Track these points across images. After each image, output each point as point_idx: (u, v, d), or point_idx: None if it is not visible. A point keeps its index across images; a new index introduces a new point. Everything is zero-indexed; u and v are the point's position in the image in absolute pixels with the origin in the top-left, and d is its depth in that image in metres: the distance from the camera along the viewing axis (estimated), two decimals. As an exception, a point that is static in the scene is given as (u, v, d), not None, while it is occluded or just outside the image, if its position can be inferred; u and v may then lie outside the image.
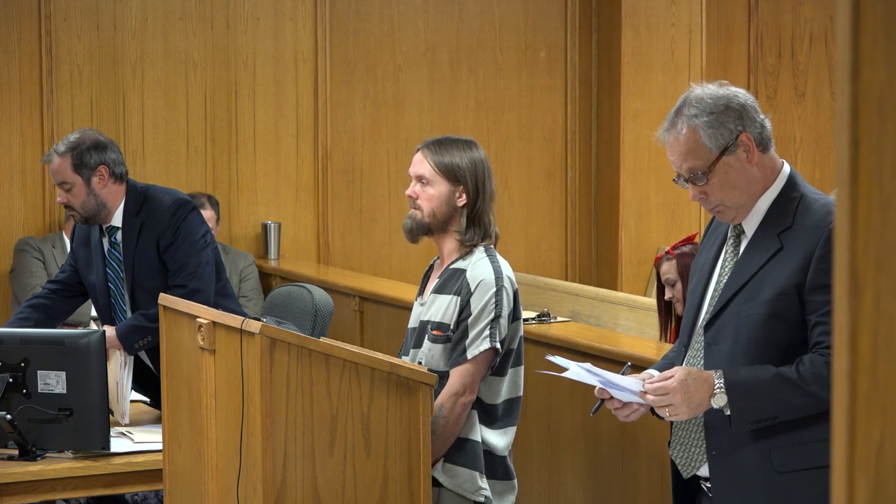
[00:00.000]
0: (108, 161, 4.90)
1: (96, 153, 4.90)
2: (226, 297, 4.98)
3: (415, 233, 4.10)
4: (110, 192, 4.90)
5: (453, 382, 3.89)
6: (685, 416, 3.15)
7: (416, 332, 4.06)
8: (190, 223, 4.87)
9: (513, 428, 4.02)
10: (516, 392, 4.02)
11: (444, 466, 3.91)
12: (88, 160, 4.88)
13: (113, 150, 4.96)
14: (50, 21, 7.22)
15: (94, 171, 4.88)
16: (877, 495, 1.28)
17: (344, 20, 7.82)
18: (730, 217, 3.24)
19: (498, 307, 3.91)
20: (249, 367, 3.57)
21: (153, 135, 7.44)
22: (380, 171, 7.94)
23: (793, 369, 3.08)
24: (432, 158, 4.05)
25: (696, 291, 3.33)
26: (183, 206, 4.89)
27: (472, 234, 4.02)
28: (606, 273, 8.18)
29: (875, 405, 1.29)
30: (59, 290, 5.11)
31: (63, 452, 4.45)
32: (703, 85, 3.25)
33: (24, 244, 7.03)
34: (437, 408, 3.87)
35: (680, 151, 3.19)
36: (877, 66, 1.28)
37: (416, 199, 4.08)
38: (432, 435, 3.85)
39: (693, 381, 3.11)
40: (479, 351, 3.89)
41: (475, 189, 4.03)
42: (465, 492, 3.90)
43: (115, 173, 4.91)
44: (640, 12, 8.02)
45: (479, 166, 4.05)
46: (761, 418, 3.10)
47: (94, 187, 4.88)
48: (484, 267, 3.96)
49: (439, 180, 4.03)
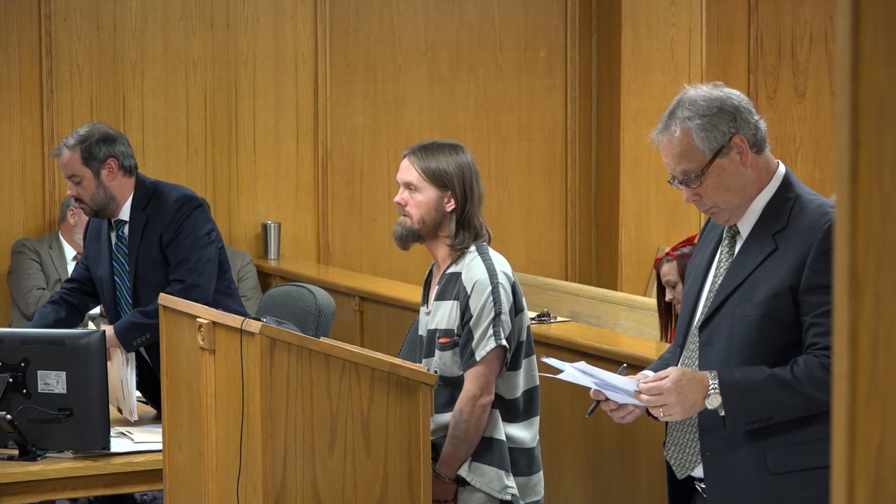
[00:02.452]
0: (117, 154, 4.93)
1: (105, 146, 4.92)
2: (229, 296, 4.98)
3: (405, 240, 4.12)
4: (119, 184, 4.93)
5: (468, 386, 3.90)
6: (679, 417, 3.15)
7: (425, 341, 4.08)
8: (194, 219, 4.89)
9: (536, 418, 4.04)
10: (533, 382, 4.04)
11: (471, 465, 3.93)
12: (97, 153, 4.91)
13: (122, 142, 4.98)
14: (50, 21, 7.22)
15: (104, 163, 4.91)
16: (877, 495, 1.28)
17: (344, 20, 7.82)
18: (724, 218, 3.24)
19: (497, 305, 3.91)
20: (249, 367, 3.57)
21: (153, 135, 7.44)
22: (380, 171, 7.93)
23: (787, 370, 3.08)
24: (419, 165, 4.06)
25: (692, 292, 3.33)
26: (188, 203, 4.90)
27: (462, 238, 4.03)
28: (606, 273, 8.18)
29: (875, 405, 1.29)
30: (75, 287, 5.14)
31: (63, 452, 4.45)
32: (696, 86, 3.25)
33: (20, 246, 6.99)
34: (458, 413, 3.89)
35: (673, 154, 3.19)
36: (877, 66, 1.28)
37: (405, 206, 4.08)
38: (456, 440, 3.88)
39: (687, 381, 3.11)
40: (487, 351, 3.89)
41: (463, 193, 4.04)
42: (492, 490, 3.92)
43: (125, 166, 4.94)
44: (640, 12, 8.02)
45: (467, 170, 4.06)
46: (755, 419, 3.10)
47: (103, 180, 4.91)
48: (477, 267, 3.97)
49: (427, 186, 4.04)
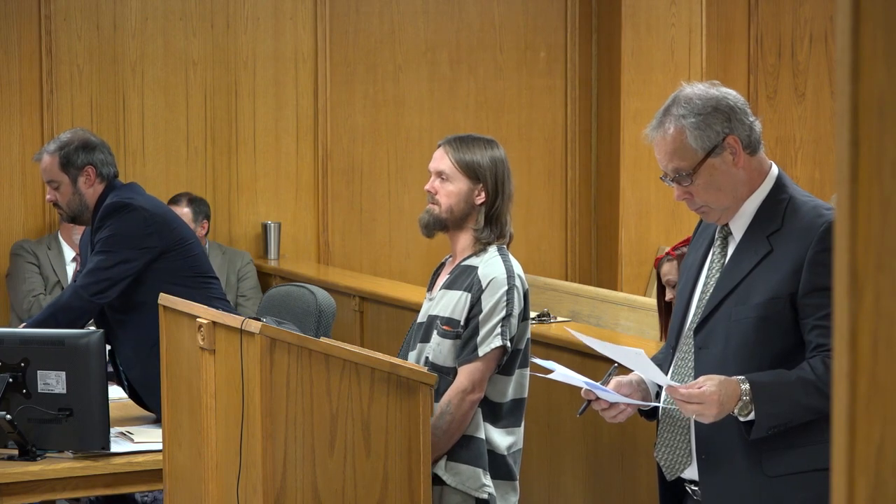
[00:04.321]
0: (95, 162, 4.92)
1: (84, 153, 4.92)
2: (217, 299, 4.94)
3: (431, 227, 4.07)
4: (95, 192, 4.93)
5: (462, 379, 3.89)
6: (711, 420, 3.07)
7: (423, 327, 4.06)
8: (112, 227, 4.85)
9: (517, 429, 4.01)
10: (521, 393, 4.02)
11: (447, 465, 3.91)
12: (76, 160, 4.91)
13: (102, 150, 4.97)
14: (50, 21, 7.22)
15: (81, 170, 4.91)
16: (877, 495, 1.28)
17: (344, 20, 7.82)
18: (714, 218, 3.24)
19: (509, 306, 3.91)
20: (249, 367, 3.57)
21: (153, 135, 7.44)
22: (380, 171, 7.93)
23: (810, 371, 3.04)
24: (454, 155, 4.03)
25: (684, 293, 3.32)
26: (116, 210, 4.85)
27: (488, 233, 4.02)
28: (606, 273, 8.18)
29: (875, 405, 1.29)
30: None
31: (63, 452, 4.46)
32: (693, 84, 3.24)
33: (18, 248, 6.95)
34: (445, 404, 3.88)
35: (666, 151, 3.18)
36: (877, 66, 1.28)
37: (435, 195, 4.05)
38: (438, 430, 3.85)
39: (725, 389, 3.02)
40: (491, 348, 3.89)
41: (495, 188, 4.02)
42: (468, 489, 3.90)
43: (102, 174, 4.93)
44: (640, 12, 8.01)
45: (500, 166, 4.05)
46: (778, 423, 3.06)
47: (79, 187, 4.92)
48: (496, 265, 3.96)
49: (459, 177, 4.02)
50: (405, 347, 4.16)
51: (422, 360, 4.00)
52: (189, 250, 4.94)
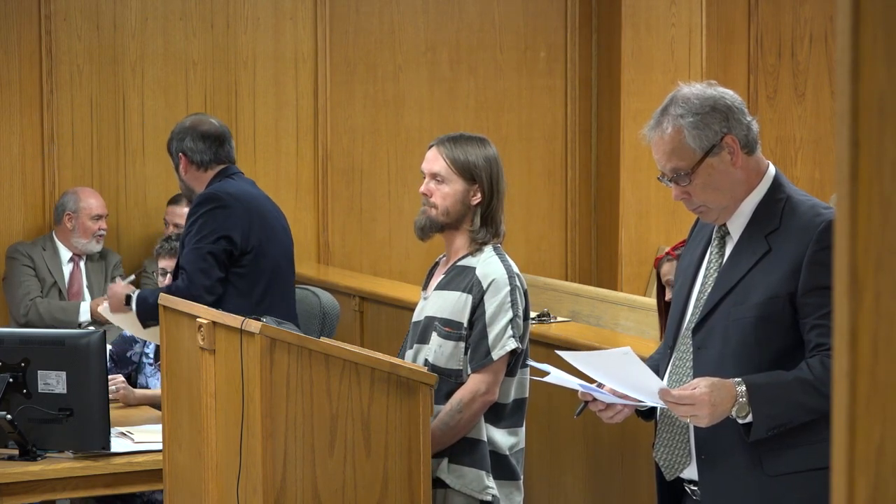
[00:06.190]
0: (185, 149, 5.16)
1: (176, 141, 5.21)
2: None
3: (427, 230, 4.02)
4: (192, 177, 5.19)
5: (478, 383, 3.87)
6: (706, 424, 3.07)
7: (419, 327, 4.04)
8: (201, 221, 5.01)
9: (520, 429, 4.01)
10: (523, 393, 4.01)
11: (449, 467, 3.90)
12: (171, 148, 5.24)
13: (193, 138, 5.16)
14: (50, 21, 7.21)
15: (178, 157, 5.18)
16: (877, 495, 1.28)
17: (344, 20, 7.82)
18: (712, 218, 3.24)
19: (515, 307, 3.89)
20: (249, 367, 3.57)
21: (153, 135, 7.43)
22: (380, 171, 7.93)
23: (808, 372, 3.04)
24: (448, 155, 3.98)
25: (681, 293, 3.31)
26: (203, 202, 5.03)
27: (484, 233, 3.97)
28: (606, 273, 8.18)
29: (875, 405, 1.29)
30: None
31: (63, 452, 4.46)
32: (691, 84, 3.24)
33: (13, 251, 6.90)
34: (457, 402, 3.86)
35: (664, 151, 3.18)
36: (877, 66, 1.28)
37: (430, 197, 4.00)
38: (446, 427, 3.85)
39: (718, 391, 3.02)
40: (506, 351, 3.87)
41: (490, 187, 3.98)
42: (472, 491, 3.89)
43: (193, 161, 5.16)
44: (640, 12, 8.01)
45: (494, 165, 4.00)
46: (778, 424, 3.06)
47: (180, 172, 5.21)
48: (495, 265, 3.93)
49: (454, 178, 3.97)
50: (405, 347, 4.15)
51: (419, 361, 3.99)
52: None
